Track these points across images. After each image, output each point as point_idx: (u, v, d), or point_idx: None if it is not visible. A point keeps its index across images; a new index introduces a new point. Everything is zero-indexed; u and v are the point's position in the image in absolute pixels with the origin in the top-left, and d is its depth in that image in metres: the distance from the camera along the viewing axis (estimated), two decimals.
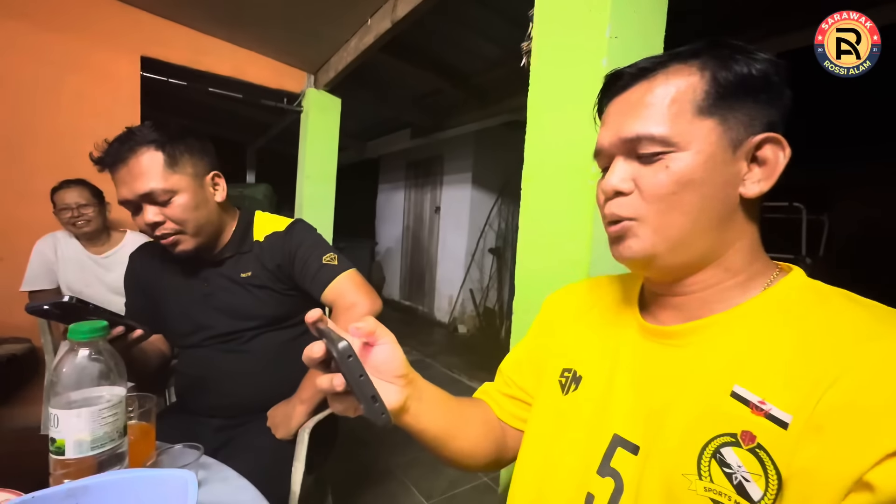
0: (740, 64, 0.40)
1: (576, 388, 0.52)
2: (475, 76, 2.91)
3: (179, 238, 0.91)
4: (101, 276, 1.74)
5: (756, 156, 0.41)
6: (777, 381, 0.36)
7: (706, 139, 0.40)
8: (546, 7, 0.98)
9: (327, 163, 2.76)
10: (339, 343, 0.38)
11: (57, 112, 2.05)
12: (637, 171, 0.43)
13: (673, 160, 0.41)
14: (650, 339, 0.47)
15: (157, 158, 0.86)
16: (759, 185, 0.41)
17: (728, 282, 0.43)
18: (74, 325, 0.49)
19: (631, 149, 0.43)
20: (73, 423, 0.47)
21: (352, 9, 1.94)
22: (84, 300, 0.69)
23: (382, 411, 0.40)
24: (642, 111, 0.42)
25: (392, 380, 0.47)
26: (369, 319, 0.46)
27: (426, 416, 0.50)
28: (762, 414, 0.35)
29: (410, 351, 3.69)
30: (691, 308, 0.45)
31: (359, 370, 0.39)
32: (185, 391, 1.07)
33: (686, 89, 0.41)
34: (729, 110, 0.40)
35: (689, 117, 0.41)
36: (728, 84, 0.40)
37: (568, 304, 0.62)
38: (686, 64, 0.42)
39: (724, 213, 0.42)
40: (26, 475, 0.50)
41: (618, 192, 0.44)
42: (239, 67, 2.50)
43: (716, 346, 0.41)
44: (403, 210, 5.52)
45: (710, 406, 0.39)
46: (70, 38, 2.06)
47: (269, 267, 1.01)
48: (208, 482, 0.63)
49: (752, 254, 0.44)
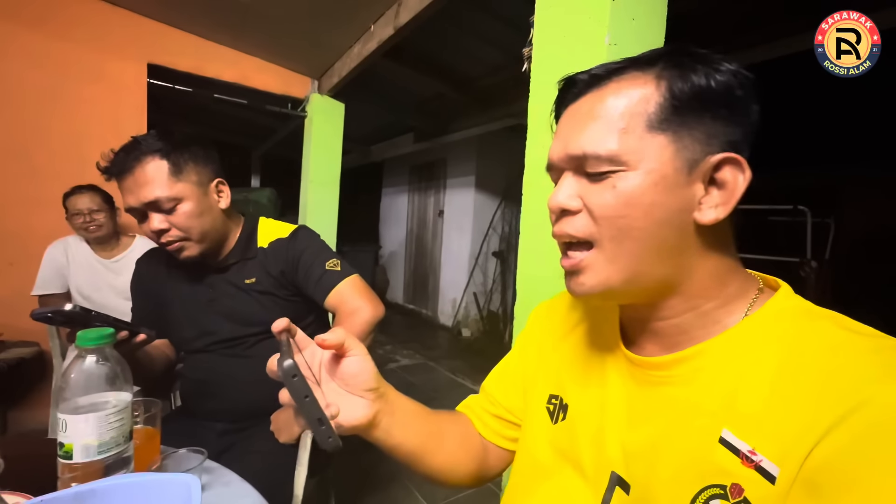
0: (700, 75, 0.36)
1: (563, 416, 0.49)
2: (478, 81, 2.93)
3: (184, 244, 0.92)
4: (109, 281, 1.76)
5: (714, 178, 0.37)
6: (766, 426, 0.33)
7: (658, 157, 0.37)
8: (546, 14, 0.99)
9: (331, 167, 2.78)
10: (284, 362, 0.37)
11: (66, 119, 2.09)
12: (585, 189, 0.40)
13: (621, 179, 0.37)
14: (637, 370, 0.44)
15: (161, 167, 0.87)
16: (716, 210, 0.37)
17: (700, 308, 0.40)
18: (82, 332, 0.51)
19: (578, 165, 0.40)
20: (80, 427, 0.48)
21: (355, 16, 1.97)
22: (86, 308, 0.70)
23: (329, 435, 0.38)
24: (590, 124, 0.39)
25: (361, 393, 0.45)
26: (338, 331, 0.44)
27: (399, 431, 0.48)
28: (752, 466, 0.33)
29: (414, 354, 3.70)
30: (670, 335, 0.42)
31: (304, 391, 0.37)
32: (190, 396, 1.08)
33: (639, 101, 0.37)
34: (684, 126, 0.37)
35: (640, 132, 0.37)
36: (684, 97, 0.36)
37: (553, 321, 0.58)
38: (642, 72, 0.38)
39: (678, 241, 0.38)
40: (35, 479, 0.51)
41: (564, 209, 0.41)
42: (244, 74, 2.54)
43: (703, 380, 0.39)
44: (407, 214, 5.53)
45: (700, 451, 0.36)
46: (79, 47, 2.10)
47: (273, 273, 1.02)
48: (212, 486, 0.63)
49: (721, 279, 0.40)
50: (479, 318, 4.29)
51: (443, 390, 2.94)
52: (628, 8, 0.86)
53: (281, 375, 0.37)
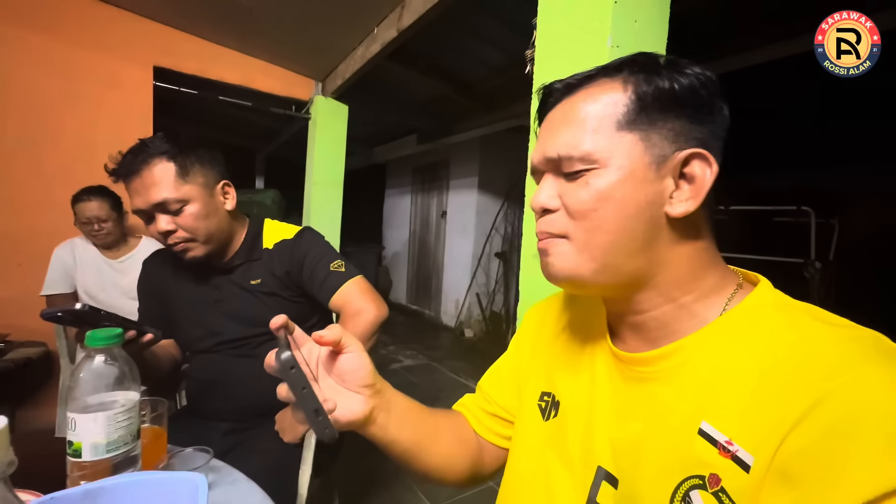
0: (663, 78, 0.39)
1: (555, 413, 0.51)
2: (480, 82, 2.93)
3: (190, 245, 0.93)
4: (116, 281, 1.78)
5: (684, 173, 0.40)
6: (742, 417, 0.34)
7: (627, 154, 0.39)
8: (549, 16, 1.00)
9: (335, 168, 2.79)
10: (282, 354, 0.38)
11: (74, 122, 2.11)
12: (563, 188, 0.42)
13: (594, 176, 0.40)
14: (622, 365, 0.46)
15: (168, 169, 0.89)
16: (686, 204, 0.39)
17: (677, 301, 0.42)
18: (91, 332, 0.51)
19: (556, 167, 0.42)
20: (89, 426, 0.49)
21: (358, 18, 1.98)
22: (95, 307, 0.71)
23: (326, 425, 0.39)
24: (565, 128, 0.41)
25: (358, 389, 0.46)
26: (334, 328, 0.45)
27: (395, 427, 0.49)
28: (729, 455, 0.34)
29: (417, 355, 3.71)
30: (650, 329, 0.44)
31: (301, 383, 0.38)
32: (196, 395, 1.09)
33: (608, 104, 0.40)
34: (651, 125, 0.39)
35: (610, 132, 0.39)
36: (649, 98, 0.39)
37: (546, 320, 0.60)
38: (610, 78, 0.41)
39: (649, 234, 0.40)
40: (45, 477, 0.52)
41: (545, 209, 0.43)
42: (248, 76, 2.56)
43: (683, 375, 0.40)
44: (410, 215, 5.55)
45: (681, 444, 0.37)
46: (86, 50, 2.12)
47: (278, 274, 1.03)
48: (218, 485, 0.64)
49: (697, 272, 0.42)
50: (481, 319, 4.29)
51: (445, 391, 2.94)
52: (630, 10, 0.87)
53: (278, 367, 0.38)
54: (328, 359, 0.47)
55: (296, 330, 0.47)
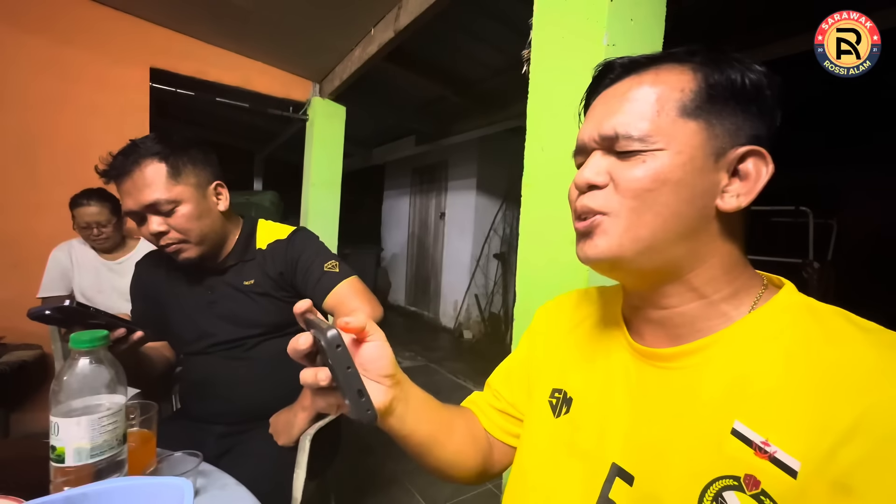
0: (735, 70, 0.39)
1: (567, 410, 0.50)
2: (479, 83, 2.93)
3: (183, 247, 0.93)
4: (113, 282, 1.77)
5: (738, 169, 0.39)
6: (780, 419, 0.34)
7: (689, 141, 0.38)
8: (545, 15, 0.99)
9: (332, 170, 2.79)
10: (329, 332, 0.37)
11: (69, 123, 2.10)
12: (613, 166, 0.41)
13: (651, 157, 0.39)
14: (642, 360, 0.45)
15: (160, 170, 0.88)
16: (738, 199, 0.39)
17: (708, 298, 0.41)
18: (75, 334, 0.50)
19: (609, 145, 0.41)
20: (72, 431, 0.48)
21: (355, 19, 1.97)
22: (84, 303, 0.70)
23: (368, 407, 0.38)
24: (625, 106, 0.40)
25: (379, 379, 0.46)
26: (360, 315, 0.45)
27: (412, 419, 0.49)
28: (766, 457, 0.33)
29: (415, 356, 3.69)
30: (675, 326, 0.43)
31: (347, 362, 0.37)
32: (189, 398, 1.08)
33: (674, 88, 0.39)
34: (716, 116, 0.39)
35: (673, 116, 0.39)
36: (719, 88, 0.39)
37: (558, 318, 0.59)
38: (679, 63, 0.41)
39: (698, 223, 0.39)
40: (29, 482, 0.51)
41: (592, 185, 0.41)
42: (246, 77, 2.55)
43: (711, 372, 0.39)
44: (409, 216, 5.54)
45: (710, 443, 0.37)
46: (81, 52, 2.11)
47: (272, 275, 1.02)
48: (207, 490, 0.63)
49: (731, 271, 0.41)
50: (480, 320, 4.28)
51: (444, 392, 2.93)
52: (627, 9, 0.86)
53: (324, 345, 0.37)
54: (351, 347, 0.46)
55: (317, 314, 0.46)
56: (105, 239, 1.72)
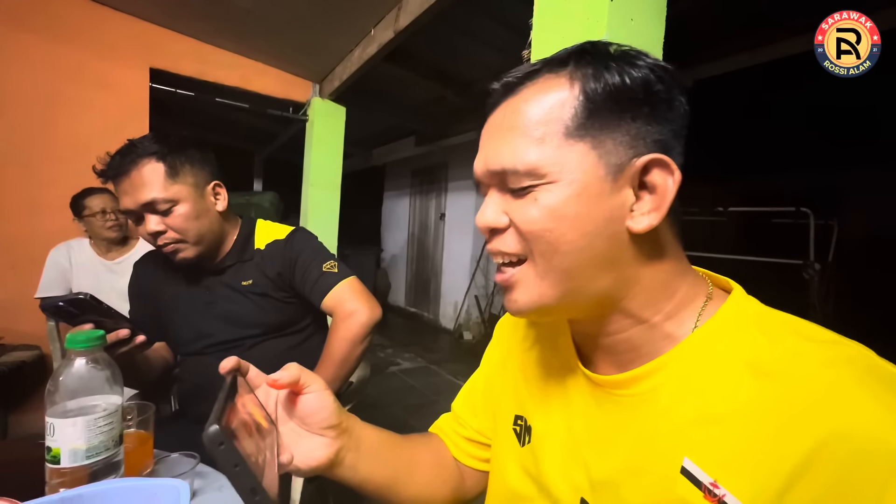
0: (612, 72, 0.34)
1: (529, 439, 0.47)
2: (479, 84, 2.93)
3: (180, 246, 0.92)
4: (112, 283, 1.76)
5: (644, 181, 0.35)
6: (728, 455, 0.31)
7: (579, 167, 0.34)
8: (545, 16, 0.99)
9: (332, 170, 2.79)
10: (210, 427, 0.31)
11: (68, 123, 2.10)
12: (509, 205, 0.37)
13: (543, 192, 0.35)
14: (597, 389, 0.42)
15: (158, 169, 0.87)
16: (648, 217, 0.34)
17: (648, 321, 0.38)
18: (71, 334, 0.50)
19: (501, 181, 0.37)
20: (68, 431, 0.48)
21: (355, 20, 1.98)
22: (98, 298, 0.70)
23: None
24: (506, 136, 0.36)
25: (321, 432, 0.42)
26: (291, 367, 0.41)
27: (365, 466, 0.45)
28: (715, 501, 0.31)
29: (415, 357, 3.69)
30: (621, 351, 0.40)
31: (233, 460, 0.32)
32: (187, 399, 1.07)
33: (553, 106, 0.35)
34: (603, 129, 0.34)
35: (558, 141, 0.34)
36: (599, 98, 0.34)
37: (515, 335, 0.55)
38: (555, 73, 0.36)
39: (612, 252, 0.35)
40: (26, 483, 0.51)
41: (492, 228, 0.38)
42: (245, 78, 2.55)
43: (660, 401, 0.36)
44: (409, 217, 5.54)
45: (661, 483, 0.34)
46: (81, 52, 2.11)
47: (270, 275, 1.02)
48: (204, 491, 0.63)
49: (667, 287, 0.37)
50: (480, 321, 4.28)
51: (444, 393, 2.92)
52: (627, 8, 0.86)
53: (205, 443, 0.31)
54: (287, 400, 0.43)
55: (251, 370, 0.44)
56: (119, 227, 1.73)
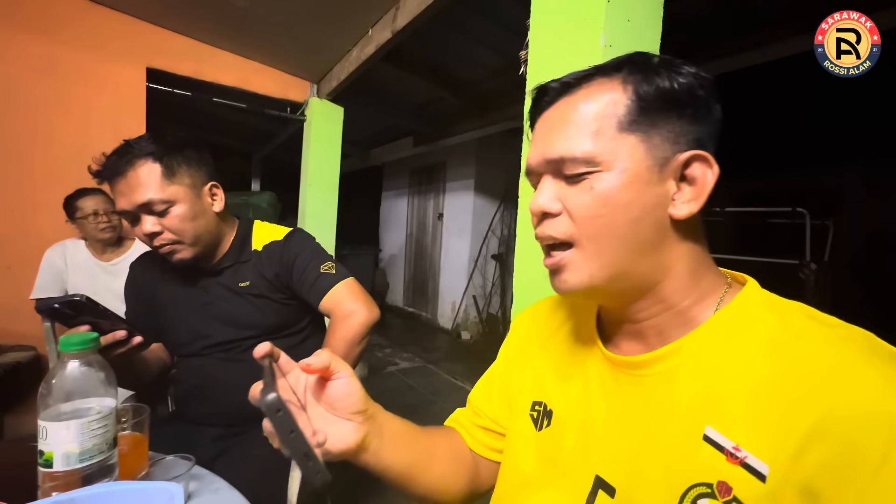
0: (663, 77, 0.39)
1: (548, 423, 0.49)
2: (476, 84, 2.93)
3: (177, 248, 0.92)
4: (108, 284, 1.75)
5: (685, 174, 0.40)
6: (748, 422, 0.34)
7: (630, 157, 0.39)
8: (541, 16, 0.99)
9: (330, 171, 2.78)
10: (268, 395, 0.34)
11: (65, 123, 2.09)
12: (564, 192, 0.41)
13: (597, 180, 0.39)
14: (617, 370, 0.45)
15: (154, 170, 0.87)
16: (689, 205, 0.39)
17: (677, 307, 0.42)
18: (64, 336, 0.50)
19: (556, 168, 0.41)
20: (61, 435, 0.47)
21: (353, 20, 1.97)
22: (93, 300, 0.70)
23: (317, 470, 0.36)
24: (564, 129, 0.41)
25: (349, 416, 0.44)
26: (322, 353, 0.43)
27: (388, 452, 0.47)
28: (737, 462, 0.33)
29: (413, 357, 3.69)
30: (648, 336, 0.43)
31: (289, 426, 0.35)
32: (184, 400, 1.07)
33: (608, 104, 0.39)
34: (652, 126, 0.39)
35: (612, 134, 0.39)
36: (650, 98, 0.39)
37: (534, 327, 0.59)
38: (609, 77, 0.41)
39: (656, 236, 0.40)
40: (19, 487, 0.50)
41: (546, 213, 0.42)
42: (243, 77, 2.54)
43: (682, 378, 0.39)
44: (407, 217, 5.53)
45: (684, 450, 0.37)
46: (77, 51, 2.10)
47: (268, 276, 1.02)
48: (199, 494, 0.62)
49: (696, 275, 0.42)
50: (478, 321, 4.28)
51: (442, 393, 2.92)
52: (624, 9, 0.86)
53: (264, 410, 0.35)
54: (317, 385, 0.45)
55: (281, 356, 0.45)
56: (112, 228, 1.71)
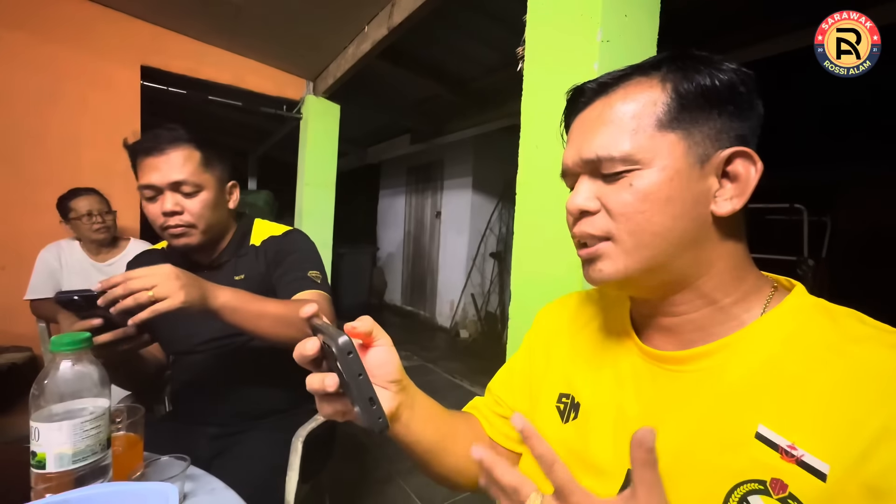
0: (703, 75, 0.39)
1: (575, 416, 0.49)
2: (473, 81, 2.92)
3: (189, 231, 0.93)
4: None
5: (727, 171, 0.39)
6: (805, 422, 0.34)
7: (670, 154, 0.38)
8: (539, 12, 0.98)
9: (327, 169, 2.77)
10: (339, 338, 0.35)
11: (58, 122, 2.07)
12: (602, 190, 0.41)
13: (637, 178, 0.39)
14: (653, 364, 0.44)
15: (194, 155, 0.93)
16: (732, 202, 0.39)
17: (718, 303, 0.41)
18: (56, 336, 0.49)
19: (594, 168, 0.42)
20: (54, 436, 0.47)
21: (348, 17, 1.96)
22: None
23: (380, 415, 0.36)
24: (602, 129, 0.41)
25: (386, 385, 0.44)
26: (366, 319, 0.43)
27: (417, 426, 0.47)
28: (793, 461, 0.33)
29: (412, 356, 3.68)
30: (685, 332, 0.43)
31: (358, 368, 0.36)
32: (180, 399, 1.06)
33: (647, 103, 0.39)
34: (693, 123, 0.39)
35: (651, 132, 0.39)
36: (690, 96, 0.39)
37: (560, 320, 0.58)
38: (647, 77, 0.41)
39: (696, 233, 0.39)
40: (13, 489, 0.50)
41: (583, 211, 0.42)
42: (239, 76, 2.53)
43: (729, 375, 0.39)
44: (404, 215, 5.52)
45: (733, 447, 0.36)
46: (71, 49, 2.08)
47: (262, 269, 1.02)
48: (195, 494, 0.62)
49: (738, 274, 0.41)
50: (476, 320, 4.28)
51: (441, 392, 2.92)
52: (621, 5, 0.85)
53: (336, 352, 0.35)
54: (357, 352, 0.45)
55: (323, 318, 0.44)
56: (106, 228, 1.71)
